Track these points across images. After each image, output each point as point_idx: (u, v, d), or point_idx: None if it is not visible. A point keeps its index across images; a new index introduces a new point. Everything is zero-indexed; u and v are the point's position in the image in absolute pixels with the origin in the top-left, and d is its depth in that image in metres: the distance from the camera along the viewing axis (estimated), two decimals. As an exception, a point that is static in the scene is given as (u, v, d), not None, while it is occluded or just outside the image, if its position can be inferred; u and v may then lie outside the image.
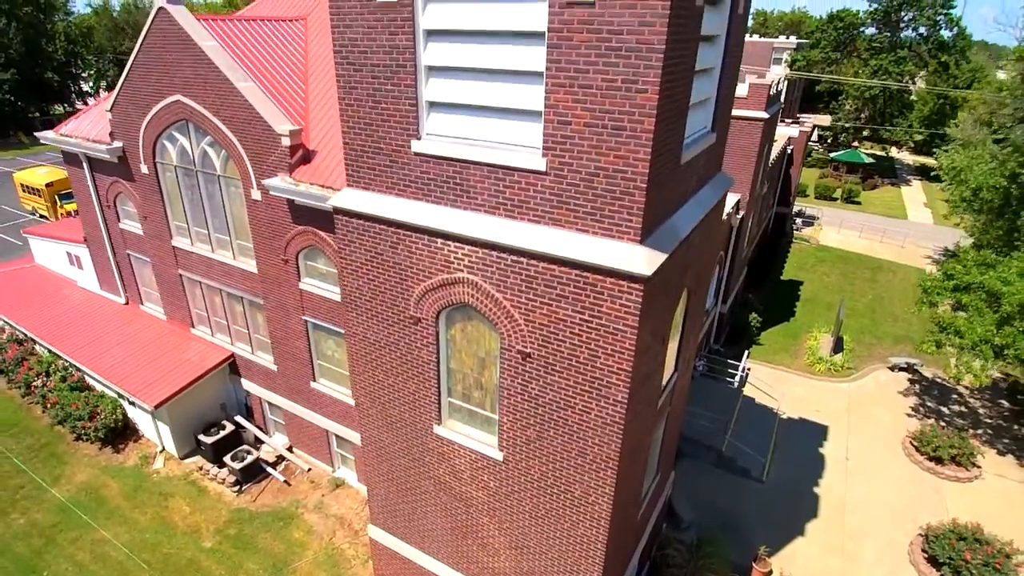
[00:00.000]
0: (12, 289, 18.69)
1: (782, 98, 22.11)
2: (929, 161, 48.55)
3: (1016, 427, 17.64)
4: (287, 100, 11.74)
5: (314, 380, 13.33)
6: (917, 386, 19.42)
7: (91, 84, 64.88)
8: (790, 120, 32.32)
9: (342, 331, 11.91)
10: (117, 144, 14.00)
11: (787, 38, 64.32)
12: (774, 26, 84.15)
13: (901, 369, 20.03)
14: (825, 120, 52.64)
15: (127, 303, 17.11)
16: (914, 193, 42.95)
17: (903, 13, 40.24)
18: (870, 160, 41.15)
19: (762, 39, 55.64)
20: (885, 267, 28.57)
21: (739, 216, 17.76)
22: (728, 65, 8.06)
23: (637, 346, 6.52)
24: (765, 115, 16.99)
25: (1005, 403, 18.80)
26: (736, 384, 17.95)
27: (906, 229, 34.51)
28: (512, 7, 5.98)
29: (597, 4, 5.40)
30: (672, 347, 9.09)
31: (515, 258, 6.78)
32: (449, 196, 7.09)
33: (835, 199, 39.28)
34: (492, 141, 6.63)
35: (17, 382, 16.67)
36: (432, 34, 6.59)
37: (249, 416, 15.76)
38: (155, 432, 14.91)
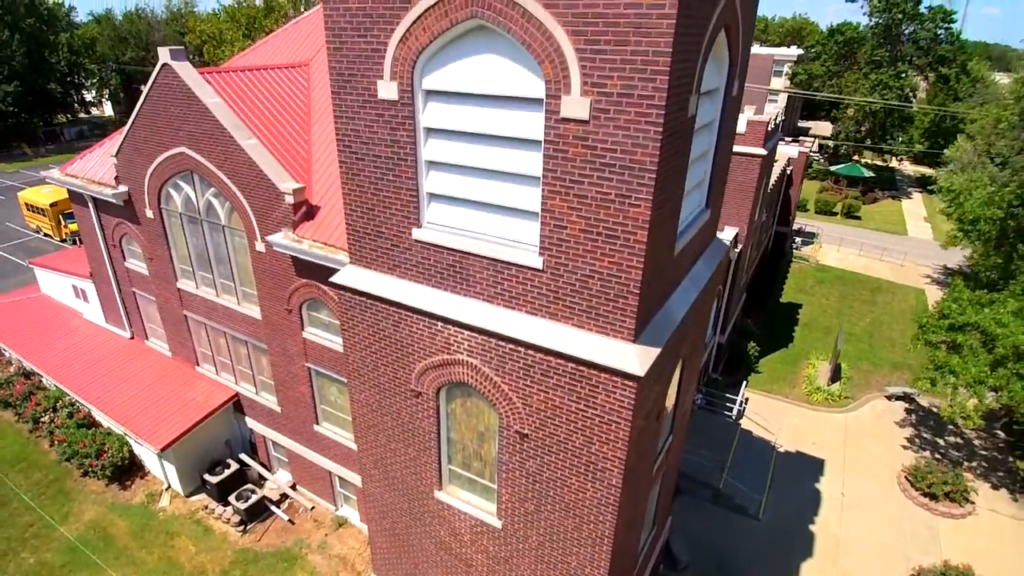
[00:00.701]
0: (19, 321, 18.94)
1: (780, 130, 22.25)
2: (930, 172, 48.61)
3: (1010, 459, 17.81)
4: (290, 152, 11.96)
5: (317, 423, 13.55)
6: (913, 416, 19.59)
7: (94, 93, 65.21)
8: (790, 139, 32.51)
9: (345, 380, 12.13)
10: (122, 189, 14.22)
11: (788, 47, 64.49)
12: (775, 32, 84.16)
13: (898, 398, 20.20)
14: (826, 128, 52.77)
15: (132, 337, 17.35)
16: (914, 207, 43.04)
17: (904, 27, 40.30)
18: (870, 174, 41.26)
19: (763, 48, 55.69)
20: (884, 288, 28.71)
21: (737, 250, 17.94)
22: (723, 143, 8.25)
23: (631, 434, 6.72)
24: (763, 152, 17.15)
25: (1001, 433, 18.96)
26: (734, 416, 18.15)
27: (906, 246, 34.63)
28: (509, 114, 6.18)
29: (591, 122, 5.60)
30: (668, 409, 9.30)
31: (513, 346, 6.98)
32: (449, 282, 7.30)
33: (835, 213, 39.41)
34: (491, 235, 6.83)
35: (25, 417, 16.93)
36: (432, 131, 6.80)
37: (253, 452, 15.99)
38: (161, 470, 15.16)
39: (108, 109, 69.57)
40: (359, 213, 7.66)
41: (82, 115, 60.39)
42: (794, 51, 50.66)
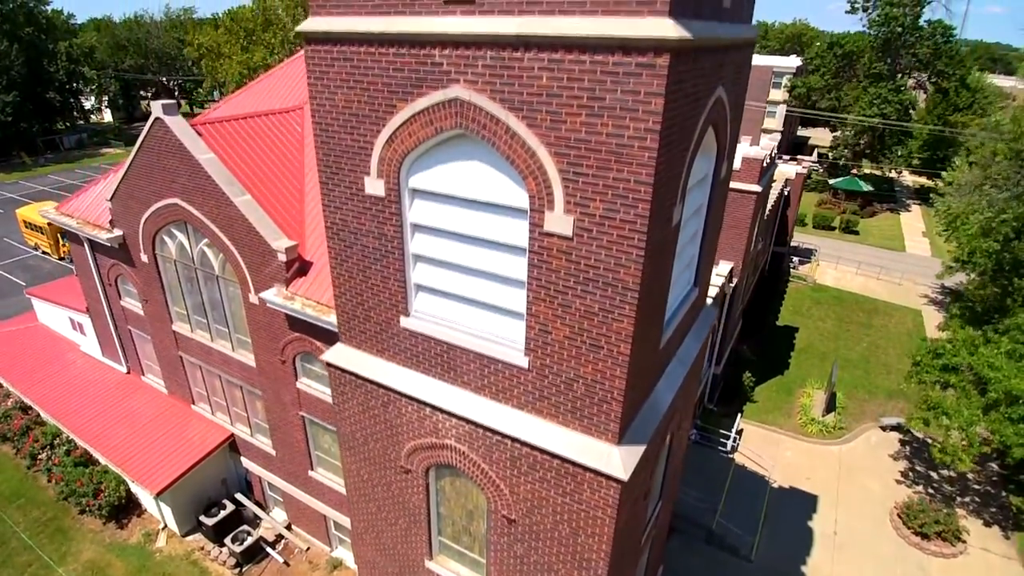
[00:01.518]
0: (17, 352, 19.01)
1: (775, 163, 22.23)
2: (929, 182, 48.56)
3: (1003, 494, 17.87)
4: (284, 204, 11.99)
5: (312, 469, 13.62)
6: (907, 447, 19.64)
7: (93, 100, 65.13)
8: (787, 157, 32.47)
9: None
10: (117, 233, 14.26)
11: (788, 56, 64.31)
12: (775, 38, 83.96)
13: (892, 429, 20.26)
14: (826, 136, 52.61)
15: (128, 372, 17.41)
16: (913, 220, 43.02)
17: (904, 38, 40.19)
18: (869, 188, 41.24)
19: (762, 58, 55.51)
20: (881, 309, 28.74)
21: (732, 285, 17.97)
22: (712, 221, 8.28)
23: (617, 527, 6.78)
24: (758, 188, 17.16)
25: (994, 466, 19.01)
26: (728, 450, 18.21)
27: (904, 263, 34.62)
28: (495, 219, 6.22)
29: (575, 239, 5.64)
30: (658, 476, 9.36)
31: (500, 437, 7.03)
32: (437, 370, 7.35)
33: (833, 228, 39.40)
34: (478, 331, 6.88)
35: (24, 453, 17.02)
36: (419, 227, 6.83)
37: (249, 490, 16.07)
38: (157, 510, 15.24)
39: (107, 115, 69.55)
40: (348, 296, 7.71)
41: (80, 122, 60.20)
42: (794, 61, 50.54)
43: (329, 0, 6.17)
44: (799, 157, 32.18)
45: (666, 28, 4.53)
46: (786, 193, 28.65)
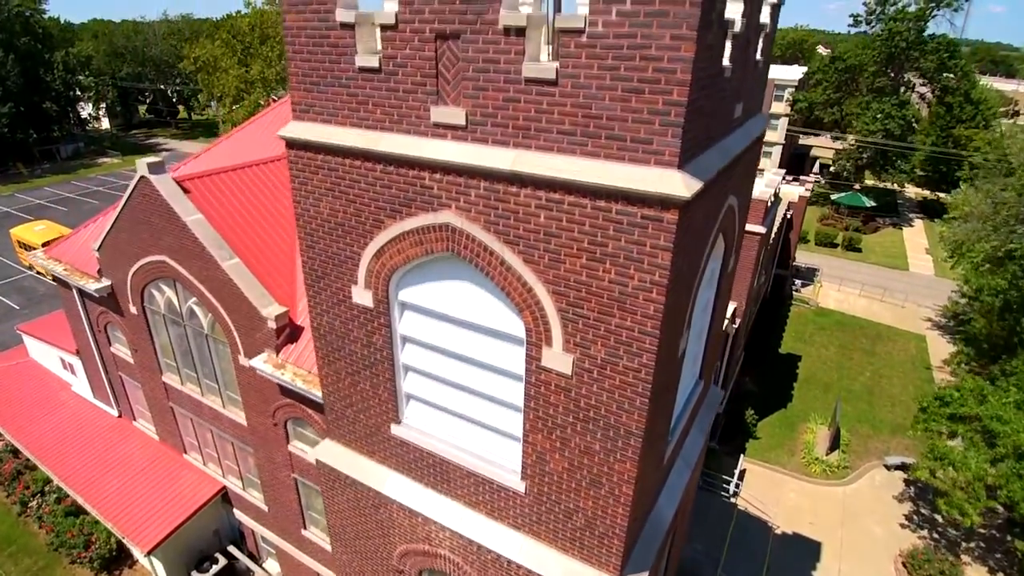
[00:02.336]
0: (6, 391, 18.63)
1: (779, 200, 21.85)
2: (930, 194, 48.15)
3: (1008, 538, 17.54)
4: (274, 265, 11.62)
5: (305, 528, 13.29)
6: (912, 488, 19.31)
7: (91, 108, 64.59)
8: (791, 178, 32.08)
9: (331, 492, 11.85)
10: (105, 283, 13.89)
11: (790, 66, 63.72)
12: (776, 46, 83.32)
13: (897, 468, 19.93)
14: (827, 145, 52.11)
15: (120, 416, 17.07)
16: (916, 236, 42.64)
17: (908, 52, 39.74)
18: (872, 204, 40.83)
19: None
20: (884, 335, 28.39)
21: (736, 325, 17.63)
22: (718, 314, 7.94)
23: (618, 653, 6.45)
24: (763, 229, 16.80)
25: (1000, 508, 18.66)
26: (731, 494, 17.89)
27: (907, 283, 34.27)
28: (491, 342, 5.87)
29: (574, 378, 5.29)
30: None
31: (495, 556, 6.69)
32: (430, 479, 7.01)
33: (836, 245, 39.02)
34: (472, 449, 6.53)
35: (15, 498, 16.70)
36: (410, 340, 6.48)
37: (242, 540, 15.75)
38: (149, 563, 14.92)
39: (105, 123, 69.08)
40: (336, 397, 7.36)
41: (77, 130, 59.69)
42: (796, 72, 50.09)
43: (312, 105, 5.82)
44: (801, 178, 31.70)
45: (674, 184, 4.17)
46: (789, 216, 28.27)
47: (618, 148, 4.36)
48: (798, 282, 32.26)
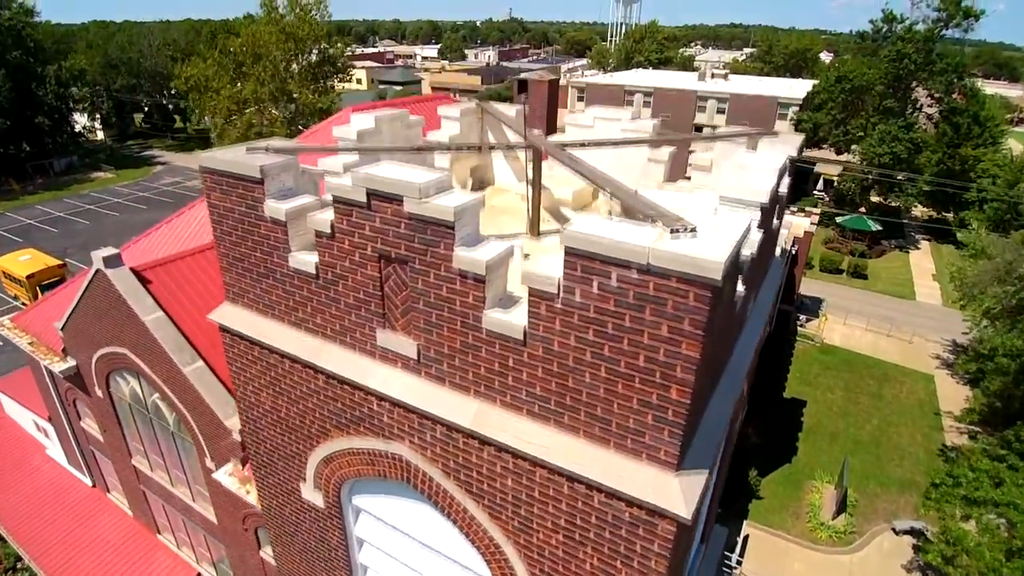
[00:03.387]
0: (-23, 453, 17.89)
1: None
2: (936, 215, 47.10)
3: (1027, 616, 16.70)
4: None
5: (279, 630, 12.52)
6: (922, 556, 18.45)
7: (85, 120, 63.60)
8: (795, 208, 31.09)
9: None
10: (70, 363, 13.08)
11: (793, 80, 62.59)
12: (779, 55, 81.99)
13: (906, 532, 19.07)
14: (831, 157, 51.08)
15: (94, 486, 16.30)
16: (922, 260, 41.63)
17: (917, 75, 38.69)
18: (878, 227, 39.81)
19: (765, 86, 54.13)
20: (892, 376, 27.46)
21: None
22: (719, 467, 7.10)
23: None
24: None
25: (1016, 580, 17.83)
26: (733, 565, 17.05)
27: (914, 315, 33.31)
28: (455, 569, 5.02)
29: (551, 642, 4.46)
30: None
31: None
32: None
33: (842, 271, 38.03)
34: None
35: (-20, 576, 15.98)
36: (368, 543, 5.66)
37: (217, 624, 14.99)
38: (116, 653, 14.17)
39: (100, 134, 68.20)
40: (292, 579, 6.55)
41: (70, 145, 58.63)
42: (799, 88, 49.06)
43: (247, 292, 4.96)
44: (807, 210, 30.71)
45: (672, 499, 3.30)
46: (793, 252, 27.35)
47: (601, 430, 3.52)
48: (803, 317, 31.35)
